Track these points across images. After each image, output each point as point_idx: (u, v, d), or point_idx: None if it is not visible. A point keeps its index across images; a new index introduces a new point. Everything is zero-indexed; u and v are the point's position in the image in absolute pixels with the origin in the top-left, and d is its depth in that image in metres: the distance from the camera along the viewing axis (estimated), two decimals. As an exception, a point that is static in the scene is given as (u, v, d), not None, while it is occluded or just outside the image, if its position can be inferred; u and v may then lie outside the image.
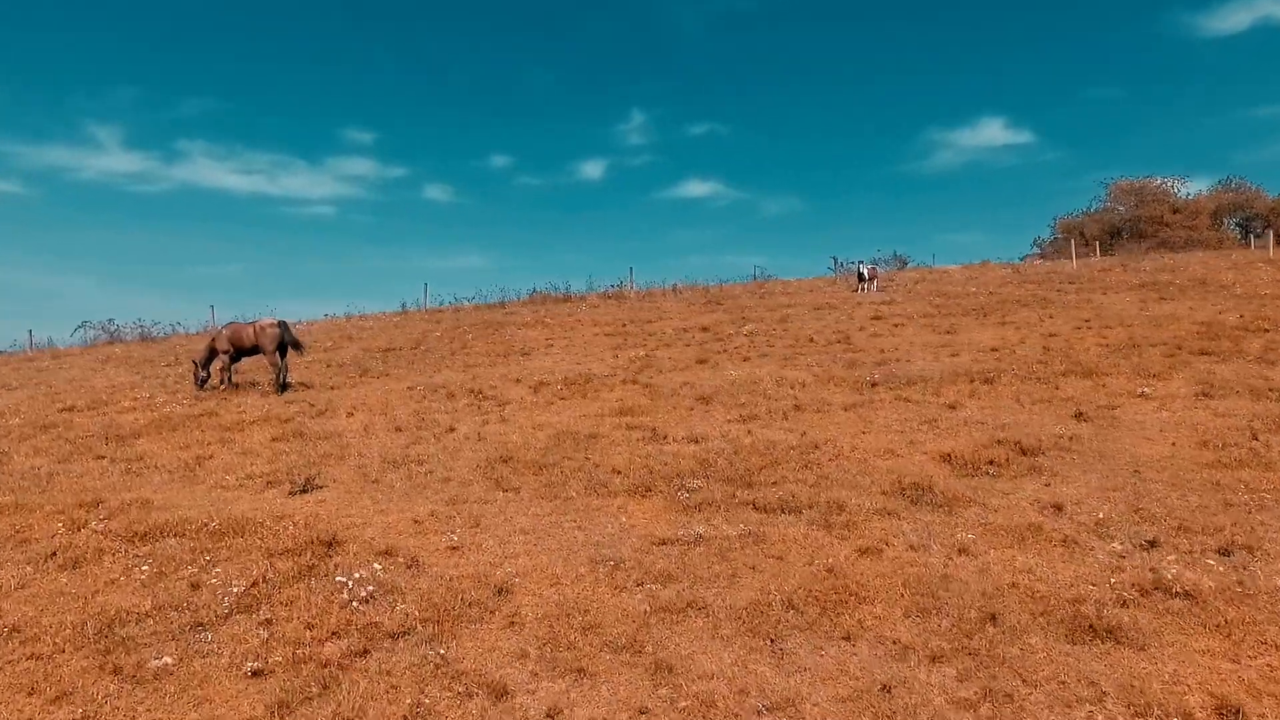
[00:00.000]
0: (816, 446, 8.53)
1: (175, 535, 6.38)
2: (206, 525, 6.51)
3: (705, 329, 17.97)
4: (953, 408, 10.07)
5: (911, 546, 5.92)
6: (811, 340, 15.86)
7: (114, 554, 6.05)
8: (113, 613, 5.10)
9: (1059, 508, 6.61)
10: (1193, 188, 53.82)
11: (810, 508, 6.71)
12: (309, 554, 5.92)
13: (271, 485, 7.92)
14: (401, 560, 5.83)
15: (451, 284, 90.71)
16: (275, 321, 13.89)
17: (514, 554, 6.00)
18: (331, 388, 13.66)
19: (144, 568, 5.75)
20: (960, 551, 5.81)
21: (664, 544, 6.09)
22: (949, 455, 7.99)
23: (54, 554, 6.05)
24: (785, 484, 7.42)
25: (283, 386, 13.60)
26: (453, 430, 10.07)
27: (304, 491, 7.60)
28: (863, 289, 23.56)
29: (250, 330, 13.80)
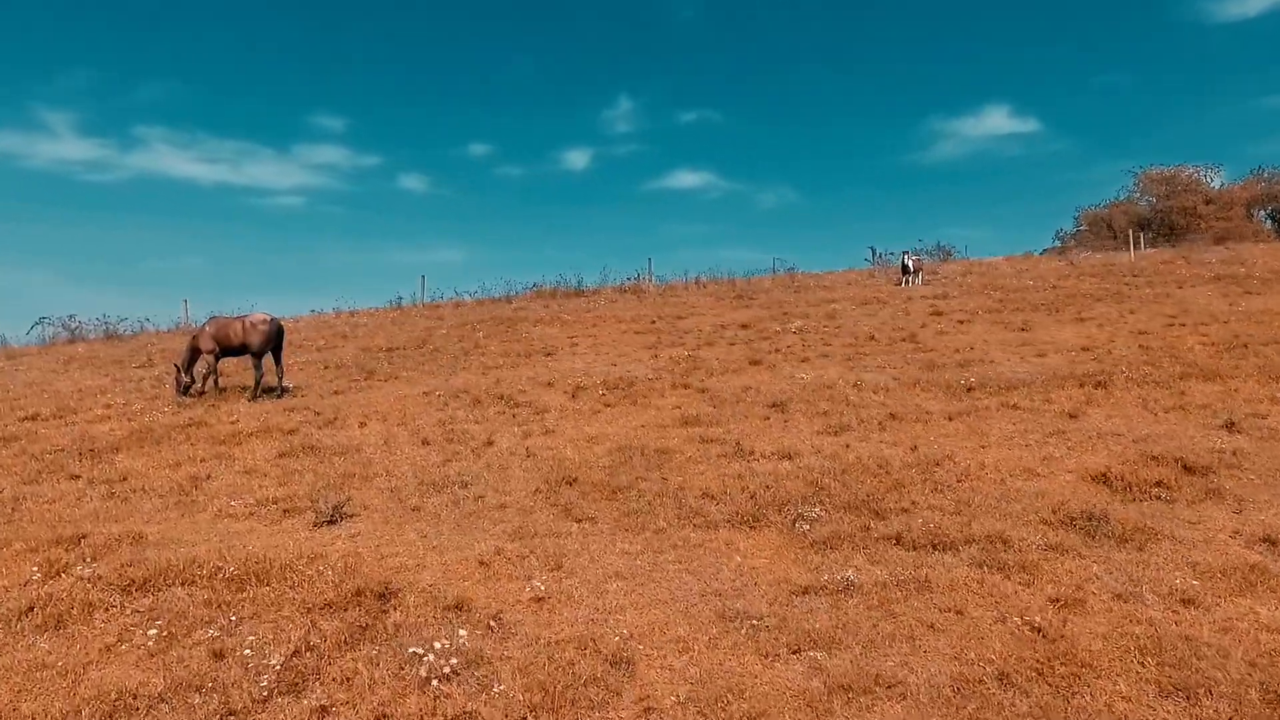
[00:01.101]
0: (937, 464, 7.60)
1: (182, 583, 5.37)
2: (220, 569, 5.50)
3: (745, 326, 17.05)
4: (1073, 416, 9.17)
5: (1118, 595, 4.99)
6: (873, 339, 14.95)
7: (107, 609, 5.04)
8: (114, 695, 4.09)
9: (1272, 542, 5.70)
10: (1217, 178, 53.18)
11: (967, 543, 5.78)
12: (359, 609, 4.93)
13: (290, 514, 6.91)
14: (479, 617, 4.85)
15: (427, 279, 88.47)
16: (267, 317, 12.86)
17: (617, 607, 5.03)
18: (335, 392, 12.64)
19: (149, 630, 4.74)
20: (1185, 602, 4.88)
21: (805, 593, 5.14)
22: (1105, 475, 7.07)
23: (30, 610, 5.02)
24: (919, 511, 6.48)
25: (279, 392, 12.56)
26: (491, 444, 9.08)
27: (332, 522, 6.60)
28: (907, 282, 22.71)
29: (238, 326, 12.76)
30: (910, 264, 22.72)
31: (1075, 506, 6.35)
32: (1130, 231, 29.21)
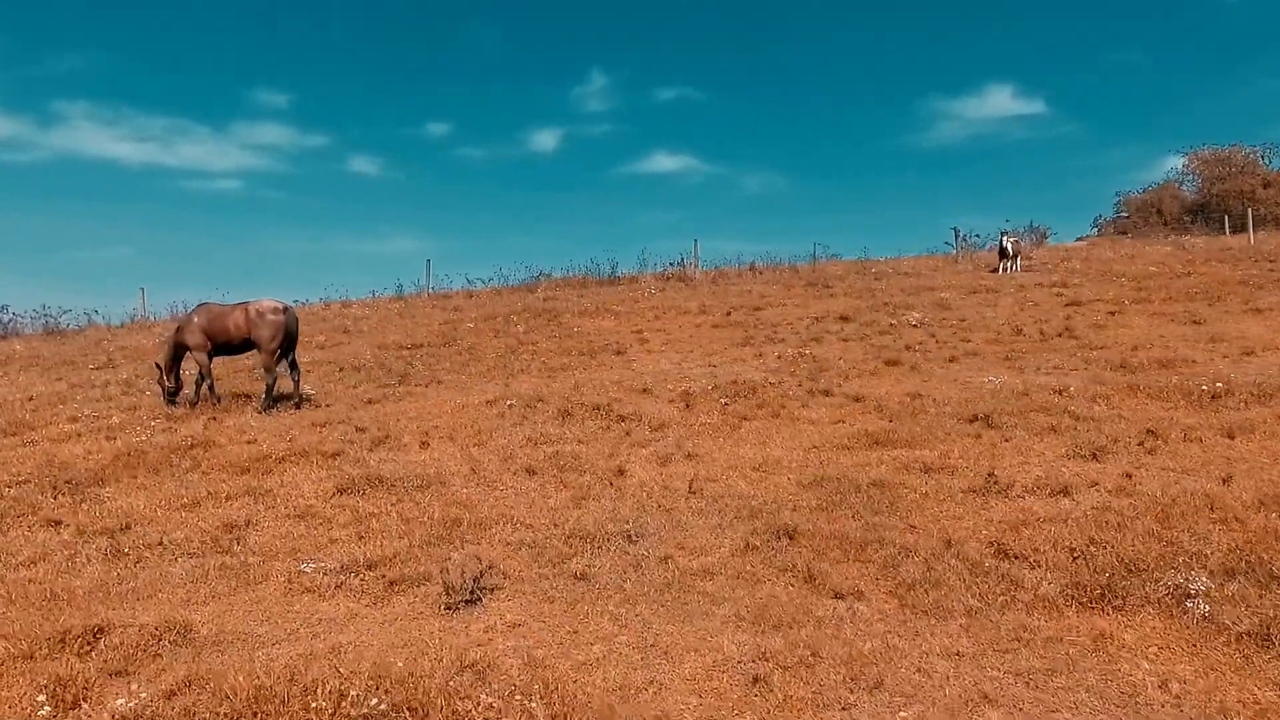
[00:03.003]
0: (1283, 503, 5.99)
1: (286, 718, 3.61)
2: (343, 694, 3.74)
3: (845, 318, 15.43)
4: (1391, 433, 7.61)
5: None
6: (1020, 333, 13.40)
7: (181, 780, 3.27)
8: None
9: None
10: (1277, 159, 52.69)
11: None
12: (617, 780, 3.20)
13: (397, 587, 5.15)
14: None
15: (377, 271, 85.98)
16: (278, 305, 10.99)
17: (1034, 766, 3.33)
18: (369, 401, 10.84)
19: (275, 833, 2.98)
20: None
21: (1327, 738, 3.48)
22: None
23: (50, 784, 3.25)
24: (1339, 580, 4.85)
25: (295, 400, 10.75)
26: (624, 473, 7.38)
27: (472, 602, 4.85)
28: (1004, 267, 21.22)
29: (239, 316, 10.85)
30: (1009, 247, 21.22)
31: None
32: (1250, 212, 27.78)
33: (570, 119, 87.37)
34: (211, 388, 11.17)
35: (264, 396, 10.65)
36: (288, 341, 10.83)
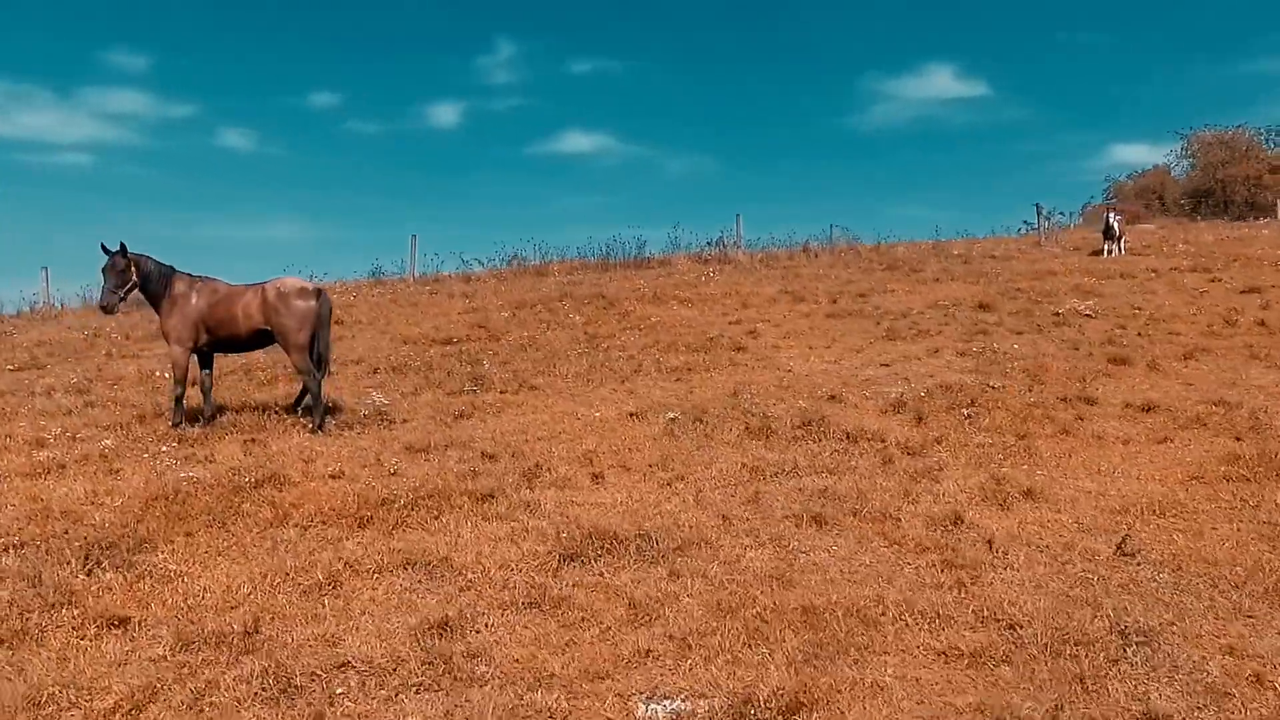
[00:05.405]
0: None
1: None
2: None
3: (984, 306, 13.93)
4: None
5: None
6: (1232, 324, 12.14)
7: None
8: None
9: None
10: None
11: None
12: None
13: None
14: None
15: (259, 259, 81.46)
16: (306, 285, 8.85)
17: None
18: (459, 416, 8.80)
19: None
20: None
21: None
22: None
23: None
24: None
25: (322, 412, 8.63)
26: (962, 522, 5.61)
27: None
28: (1108, 249, 20.17)
29: (252, 300, 8.61)
30: (1116, 226, 20.14)
31: None
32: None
33: (474, 92, 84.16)
34: (208, 398, 8.91)
35: (312, 411, 8.51)
36: (319, 335, 8.67)
